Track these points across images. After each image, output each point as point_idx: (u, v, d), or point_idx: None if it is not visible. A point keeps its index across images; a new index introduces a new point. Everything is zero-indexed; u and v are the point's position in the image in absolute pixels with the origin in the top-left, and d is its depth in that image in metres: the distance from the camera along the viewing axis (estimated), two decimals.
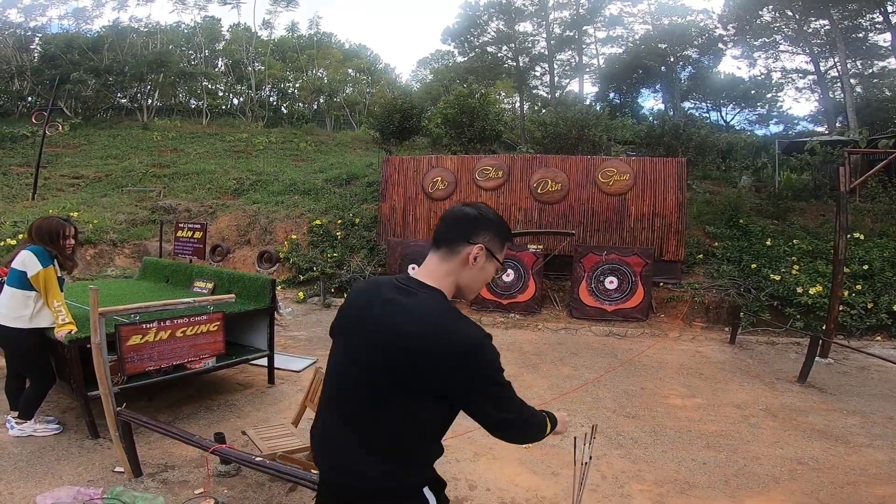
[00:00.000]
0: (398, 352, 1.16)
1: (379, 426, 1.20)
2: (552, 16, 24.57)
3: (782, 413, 4.35)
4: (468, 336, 1.15)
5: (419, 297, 1.21)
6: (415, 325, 1.16)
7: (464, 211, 1.31)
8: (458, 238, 1.27)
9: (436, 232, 1.32)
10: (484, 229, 1.29)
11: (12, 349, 3.40)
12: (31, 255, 3.26)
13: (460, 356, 1.13)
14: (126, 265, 10.74)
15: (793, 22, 19.57)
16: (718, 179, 13.31)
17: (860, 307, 7.27)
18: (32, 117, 17.29)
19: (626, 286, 7.70)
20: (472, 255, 1.26)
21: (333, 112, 28.03)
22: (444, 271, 1.27)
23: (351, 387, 1.23)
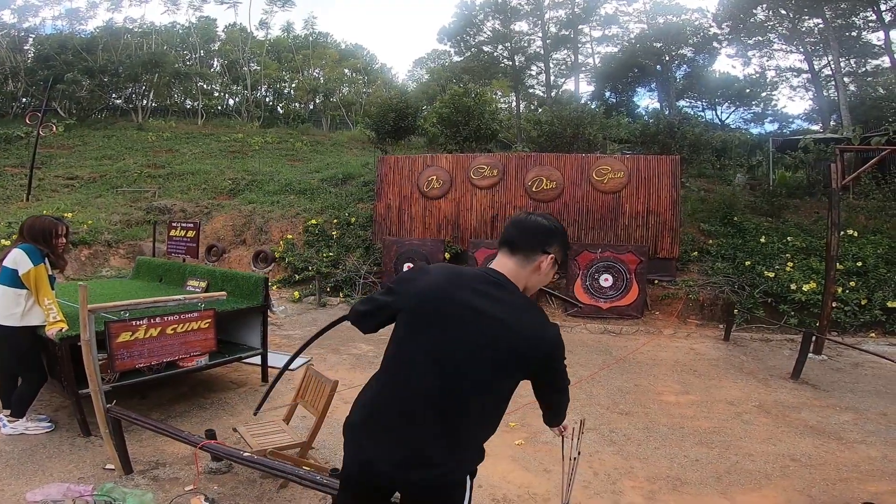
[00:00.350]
0: (502, 340, 1.29)
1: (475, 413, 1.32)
2: (548, 15, 24.66)
3: (775, 409, 4.36)
4: (554, 329, 1.36)
5: (512, 291, 1.37)
6: (515, 317, 1.31)
7: (540, 222, 1.44)
8: (536, 247, 1.40)
9: (510, 237, 1.43)
10: (556, 240, 1.43)
11: (4, 347, 3.38)
12: (23, 253, 3.26)
13: (550, 345, 1.34)
14: (121, 266, 10.70)
15: (786, 20, 19.64)
16: (713, 177, 13.36)
17: (854, 304, 7.30)
18: (26, 118, 17.26)
19: (621, 284, 7.72)
20: (546, 263, 1.41)
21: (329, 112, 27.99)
22: (521, 274, 1.41)
23: (451, 372, 1.29)
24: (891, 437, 3.82)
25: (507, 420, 3.91)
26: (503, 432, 3.68)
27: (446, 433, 1.27)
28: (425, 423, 1.27)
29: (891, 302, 7.23)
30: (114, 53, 25.23)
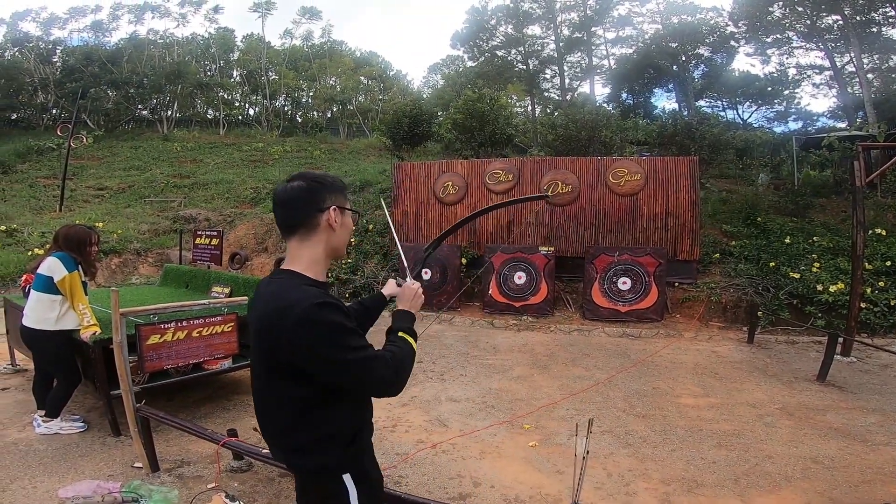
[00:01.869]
0: (257, 335, 1.25)
1: (270, 410, 1.29)
2: (560, 18, 24.48)
3: (799, 412, 4.28)
4: (297, 303, 1.15)
5: (274, 281, 1.29)
6: (263, 307, 1.24)
7: (295, 188, 1.31)
8: (309, 213, 1.30)
9: (280, 219, 1.33)
10: (324, 193, 1.32)
11: (40, 351, 3.56)
12: (58, 261, 3.43)
13: (293, 325, 1.13)
14: (150, 273, 11.05)
15: (804, 18, 19.18)
16: (735, 177, 13.11)
17: (883, 304, 7.09)
18: (57, 130, 17.91)
19: (640, 287, 7.64)
20: (332, 219, 1.31)
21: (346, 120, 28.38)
22: (309, 249, 1.30)
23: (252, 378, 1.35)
24: None
25: (522, 422, 3.93)
26: (517, 434, 3.71)
27: (272, 426, 1.33)
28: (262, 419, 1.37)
29: None
30: (138, 65, 26.00)
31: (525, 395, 4.54)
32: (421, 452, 3.39)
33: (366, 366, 1.18)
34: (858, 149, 6.92)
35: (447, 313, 8.04)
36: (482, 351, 6.13)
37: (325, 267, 1.35)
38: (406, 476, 3.07)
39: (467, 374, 5.18)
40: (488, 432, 3.74)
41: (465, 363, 5.60)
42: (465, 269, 8.78)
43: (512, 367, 5.46)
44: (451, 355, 5.90)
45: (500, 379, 5.05)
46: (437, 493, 2.86)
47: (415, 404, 4.30)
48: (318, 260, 1.31)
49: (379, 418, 3.78)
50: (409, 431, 3.75)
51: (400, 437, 3.63)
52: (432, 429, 3.80)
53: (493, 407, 4.27)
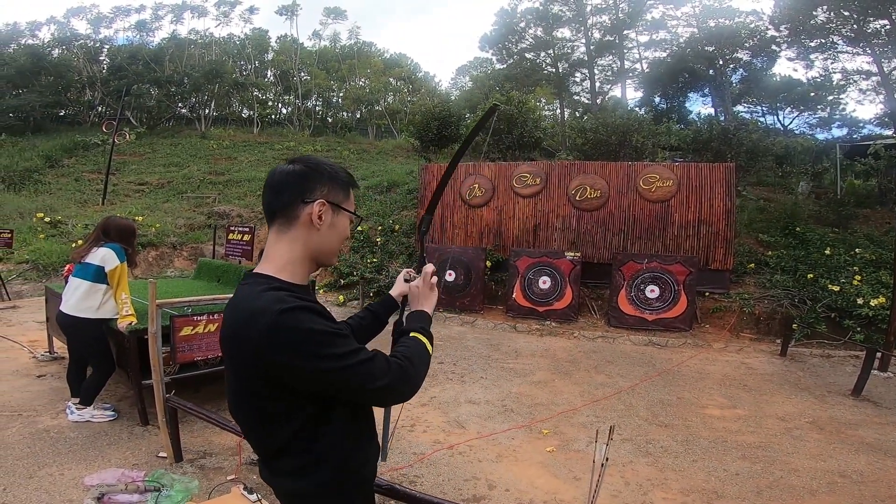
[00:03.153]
0: (224, 348, 1.10)
1: (249, 427, 1.13)
2: (591, 21, 24.14)
3: (830, 426, 4.12)
4: (262, 311, 0.98)
5: (243, 288, 1.10)
6: (228, 317, 1.08)
7: (287, 170, 1.13)
8: (293, 201, 1.11)
9: (265, 203, 1.15)
10: (317, 181, 1.13)
11: (77, 337, 3.70)
12: (112, 251, 3.57)
13: (260, 337, 0.97)
14: (184, 267, 11.43)
15: (850, 22, 18.35)
16: (774, 185, 12.67)
17: None
18: (103, 126, 18.74)
19: (669, 295, 7.47)
20: (316, 215, 1.11)
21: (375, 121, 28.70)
22: (285, 245, 1.12)
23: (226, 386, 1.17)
24: None
25: (540, 427, 3.90)
26: (535, 439, 3.68)
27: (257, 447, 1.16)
28: None
29: None
30: (179, 64, 26.86)
31: (545, 400, 4.51)
32: (437, 453, 3.40)
33: (358, 372, 1.00)
34: None
35: (469, 315, 8.04)
36: (503, 354, 6.11)
37: (306, 270, 1.15)
38: (421, 476, 3.08)
39: (487, 377, 5.17)
40: (506, 435, 3.72)
41: (485, 366, 5.59)
42: (490, 272, 8.76)
43: (533, 372, 5.42)
44: (471, 357, 5.89)
45: (521, 383, 5.02)
46: (452, 494, 2.86)
47: (434, 405, 4.32)
48: (295, 260, 1.12)
49: (397, 417, 3.81)
50: (427, 431, 3.77)
51: (418, 437, 3.66)
52: (450, 430, 3.81)
53: (512, 411, 4.25)
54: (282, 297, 1.01)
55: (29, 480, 2.84)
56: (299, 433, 1.06)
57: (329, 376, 0.99)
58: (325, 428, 1.07)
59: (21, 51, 26.26)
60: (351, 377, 1.00)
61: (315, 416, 1.06)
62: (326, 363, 0.98)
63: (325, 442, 1.08)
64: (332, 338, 0.99)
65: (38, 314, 6.77)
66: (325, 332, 0.99)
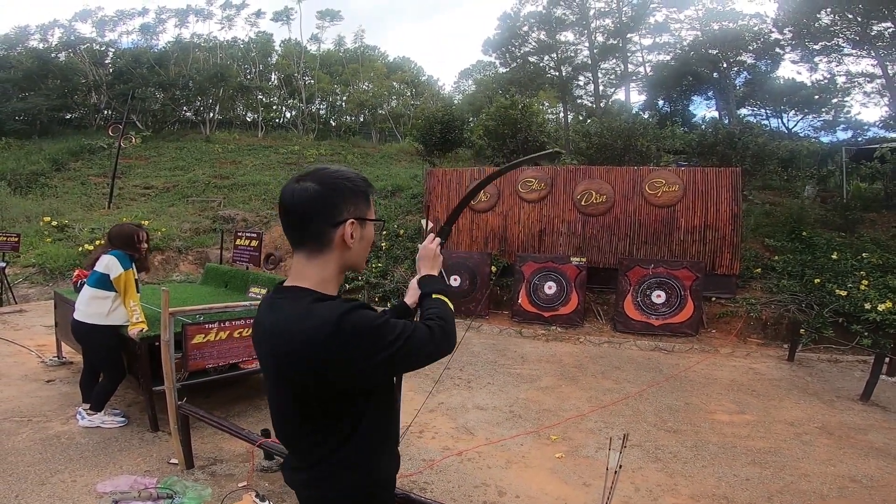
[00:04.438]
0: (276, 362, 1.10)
1: (292, 432, 1.16)
2: (594, 24, 24.11)
3: (839, 431, 4.12)
4: (323, 320, 1.02)
5: (283, 302, 1.11)
6: (279, 331, 1.08)
7: (308, 193, 1.10)
8: (320, 226, 1.11)
9: (288, 229, 1.15)
10: (343, 200, 1.12)
11: (89, 344, 3.73)
12: (115, 258, 3.61)
13: (325, 343, 1.01)
14: (189, 271, 11.47)
15: (854, 25, 18.29)
16: (779, 189, 12.64)
17: None
18: (109, 130, 18.78)
19: (675, 300, 7.45)
20: (348, 234, 1.12)
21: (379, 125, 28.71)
22: (317, 268, 1.13)
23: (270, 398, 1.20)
24: None
25: (549, 433, 3.90)
26: (544, 445, 3.68)
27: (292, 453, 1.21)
28: None
29: None
30: (184, 67, 26.81)
31: (553, 406, 4.51)
32: (447, 459, 3.41)
33: (411, 349, 1.08)
34: None
35: (475, 321, 8.04)
36: (510, 360, 6.11)
37: (337, 283, 1.17)
38: (431, 482, 3.09)
39: (494, 383, 5.17)
40: (515, 442, 3.73)
41: (492, 371, 5.59)
42: (495, 277, 8.76)
43: (540, 377, 5.42)
44: (478, 363, 5.90)
45: (528, 389, 5.02)
46: (462, 501, 2.87)
47: (441, 411, 4.32)
48: (329, 278, 1.14)
49: (406, 423, 3.82)
50: (436, 438, 3.77)
51: (426, 443, 3.66)
52: (458, 436, 3.82)
53: (520, 416, 4.25)
54: (333, 304, 1.06)
55: (41, 487, 2.86)
56: (343, 438, 1.12)
57: (394, 359, 1.07)
58: (359, 435, 1.13)
59: (27, 54, 26.33)
60: (409, 353, 1.09)
61: (355, 417, 1.12)
62: (390, 349, 1.06)
63: (359, 448, 1.13)
64: (384, 326, 1.06)
65: (45, 318, 6.81)
66: (378, 326, 1.05)
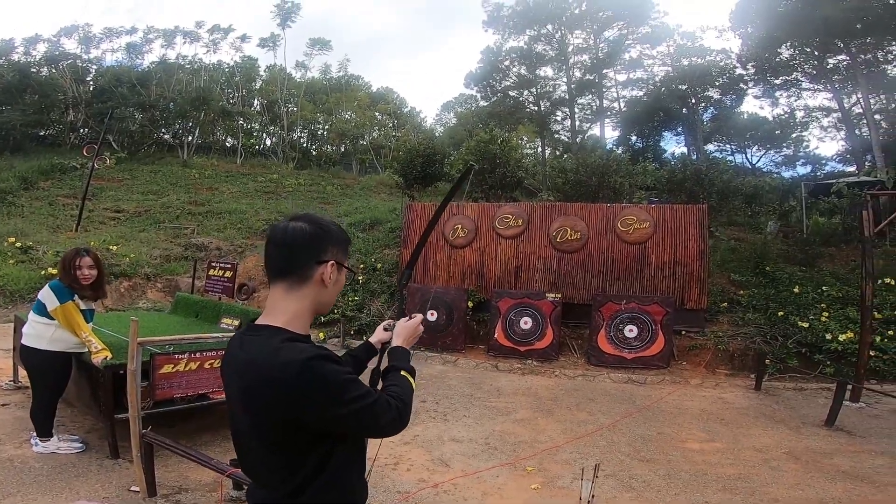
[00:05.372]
0: (244, 397, 1.15)
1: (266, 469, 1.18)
2: (572, 60, 25.01)
3: (806, 455, 4.24)
4: (292, 360, 1.08)
5: (254, 340, 1.17)
6: (249, 367, 1.13)
7: (300, 229, 1.21)
8: (306, 261, 1.20)
9: (273, 260, 1.23)
10: (329, 243, 1.23)
11: (28, 366, 3.65)
12: (50, 291, 3.48)
13: (291, 383, 1.06)
14: (157, 299, 11.15)
15: (812, 58, 19.28)
16: (744, 225, 13.13)
17: (893, 352, 7.04)
18: (84, 150, 18.05)
19: (647, 334, 7.59)
20: (327, 275, 1.21)
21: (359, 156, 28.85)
22: (294, 302, 1.20)
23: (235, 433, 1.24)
24: None
25: (525, 464, 3.89)
26: (520, 476, 3.67)
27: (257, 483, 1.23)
28: None
29: None
30: (166, 88, 26.31)
31: (528, 438, 4.51)
32: (423, 491, 3.37)
33: (371, 412, 1.14)
34: (866, 198, 7.00)
35: (451, 355, 8.02)
36: (486, 393, 6.10)
37: (307, 322, 1.24)
38: None
39: (470, 416, 5.15)
40: (491, 473, 3.71)
41: (468, 404, 5.57)
42: (472, 311, 8.77)
43: (516, 410, 5.42)
44: (454, 396, 5.87)
45: (504, 421, 5.02)
46: None
47: (417, 443, 4.27)
48: (301, 314, 1.21)
49: (381, 455, 3.76)
50: (411, 470, 3.72)
51: (401, 476, 3.61)
52: (434, 468, 3.78)
53: (496, 449, 4.23)
54: (303, 347, 1.13)
55: None
56: (313, 471, 1.14)
57: (349, 416, 1.12)
58: (331, 464, 1.16)
59: (9, 67, 25.51)
60: (364, 416, 1.14)
61: (324, 454, 1.15)
62: (349, 406, 1.11)
63: (333, 477, 1.16)
64: (351, 383, 1.13)
65: (3, 341, 6.53)
66: (346, 380, 1.12)
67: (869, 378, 6.43)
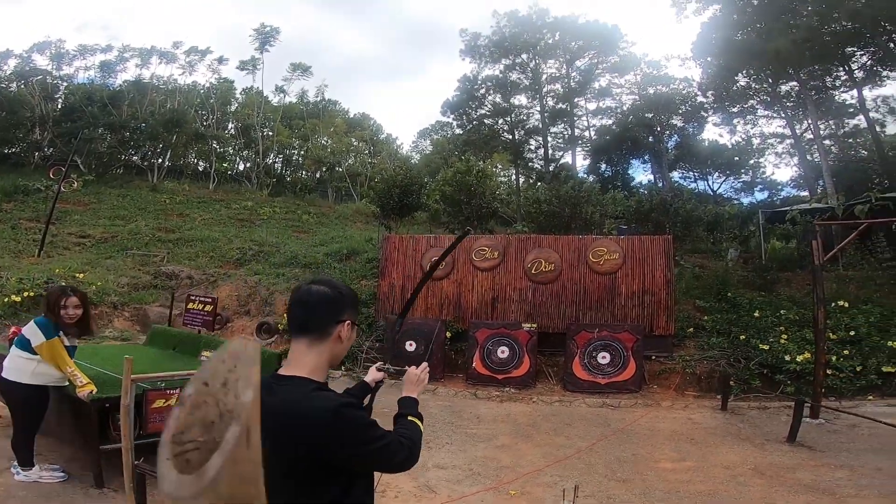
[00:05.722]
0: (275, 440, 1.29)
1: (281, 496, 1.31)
2: (545, 88, 25.75)
3: (770, 471, 4.51)
4: (324, 407, 1.26)
5: (285, 388, 1.31)
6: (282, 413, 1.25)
7: (323, 293, 1.40)
8: (327, 321, 1.38)
9: (298, 319, 1.40)
10: (347, 306, 1.42)
11: (11, 400, 3.65)
12: (36, 327, 3.52)
13: (325, 428, 1.23)
14: (124, 328, 10.79)
15: (766, 85, 20.08)
16: (706, 252, 13.64)
17: (849, 370, 7.47)
18: (51, 172, 16.99)
19: (619, 360, 7.87)
20: (344, 333, 1.40)
21: (335, 183, 28.64)
22: (315, 356, 1.37)
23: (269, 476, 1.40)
24: (885, 490, 3.98)
25: (508, 488, 4.02)
26: (504, 500, 3.80)
27: None
28: None
29: (886, 367, 7.41)
30: (139, 109, 25.62)
31: (510, 463, 4.64)
32: None
33: (389, 451, 1.34)
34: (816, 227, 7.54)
35: (431, 384, 8.08)
36: (466, 420, 6.22)
37: (326, 372, 1.42)
38: None
39: (453, 443, 5.26)
40: (476, 498, 3.82)
41: (450, 432, 5.67)
42: (450, 342, 8.89)
43: (496, 436, 5.56)
44: (436, 424, 5.95)
45: (485, 447, 5.14)
46: None
47: None
48: (320, 366, 1.39)
49: None
50: (399, 497, 3.81)
51: (389, 502, 3.68)
52: (421, 494, 3.87)
53: (480, 474, 4.35)
54: (333, 395, 1.34)
55: None
56: (335, 500, 1.31)
57: (372, 454, 1.32)
58: (350, 494, 1.34)
59: None
60: (383, 454, 1.34)
61: (345, 483, 1.32)
62: (371, 446, 1.31)
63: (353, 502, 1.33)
64: (373, 427, 1.34)
65: None
66: (369, 424, 1.33)
67: (827, 395, 6.84)
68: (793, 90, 20.11)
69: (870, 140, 19.32)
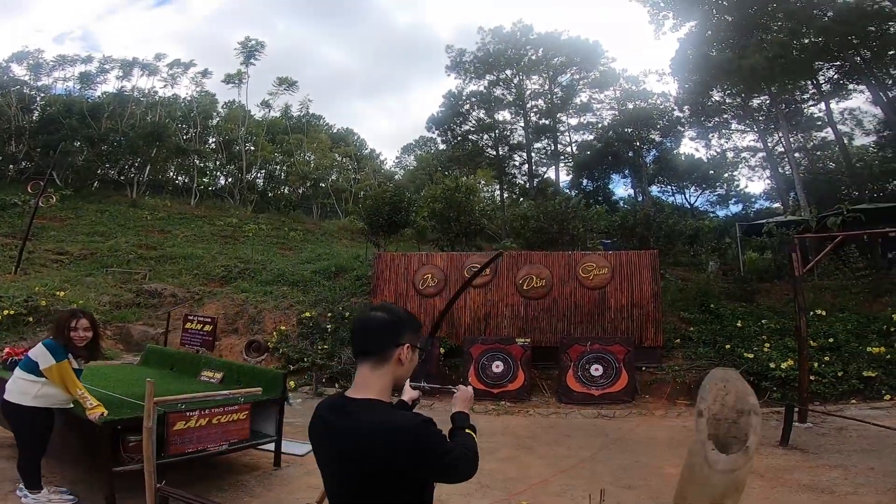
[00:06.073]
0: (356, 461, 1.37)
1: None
2: (529, 104, 26.17)
3: (769, 473, 4.68)
4: (407, 425, 1.37)
5: (358, 410, 1.41)
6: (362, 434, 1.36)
7: (381, 318, 1.50)
8: (387, 344, 1.47)
9: (360, 345, 1.49)
10: (405, 329, 1.50)
11: (13, 422, 3.61)
12: (45, 350, 3.51)
13: (412, 443, 1.34)
14: (106, 347, 10.44)
15: (738, 99, 20.63)
16: (688, 265, 14.02)
17: (831, 376, 7.79)
18: (28, 187, 16.49)
19: (611, 372, 8.04)
20: (404, 355, 1.49)
21: (320, 200, 28.42)
22: (379, 378, 1.46)
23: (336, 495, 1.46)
24: (881, 487, 4.19)
25: (519, 499, 4.08)
26: None
27: None
28: None
29: (866, 371, 7.75)
30: (119, 122, 25.01)
31: (516, 475, 4.71)
32: None
33: (459, 462, 1.44)
34: (794, 241, 7.89)
35: (427, 399, 8.12)
36: None
37: (390, 393, 1.51)
38: None
39: None
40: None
41: None
42: (444, 358, 8.95)
43: (498, 449, 5.62)
44: None
45: (490, 460, 5.18)
46: None
47: None
48: (386, 388, 1.48)
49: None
50: None
51: None
52: None
53: (489, 486, 4.41)
54: (410, 414, 1.48)
55: None
56: None
57: (445, 467, 1.42)
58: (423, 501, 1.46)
59: None
60: (452, 466, 1.43)
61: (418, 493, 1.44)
62: (447, 458, 1.41)
63: None
64: (445, 441, 1.45)
65: None
66: (444, 438, 1.45)
67: (812, 400, 7.12)
68: (764, 104, 20.73)
69: (838, 152, 20.06)
